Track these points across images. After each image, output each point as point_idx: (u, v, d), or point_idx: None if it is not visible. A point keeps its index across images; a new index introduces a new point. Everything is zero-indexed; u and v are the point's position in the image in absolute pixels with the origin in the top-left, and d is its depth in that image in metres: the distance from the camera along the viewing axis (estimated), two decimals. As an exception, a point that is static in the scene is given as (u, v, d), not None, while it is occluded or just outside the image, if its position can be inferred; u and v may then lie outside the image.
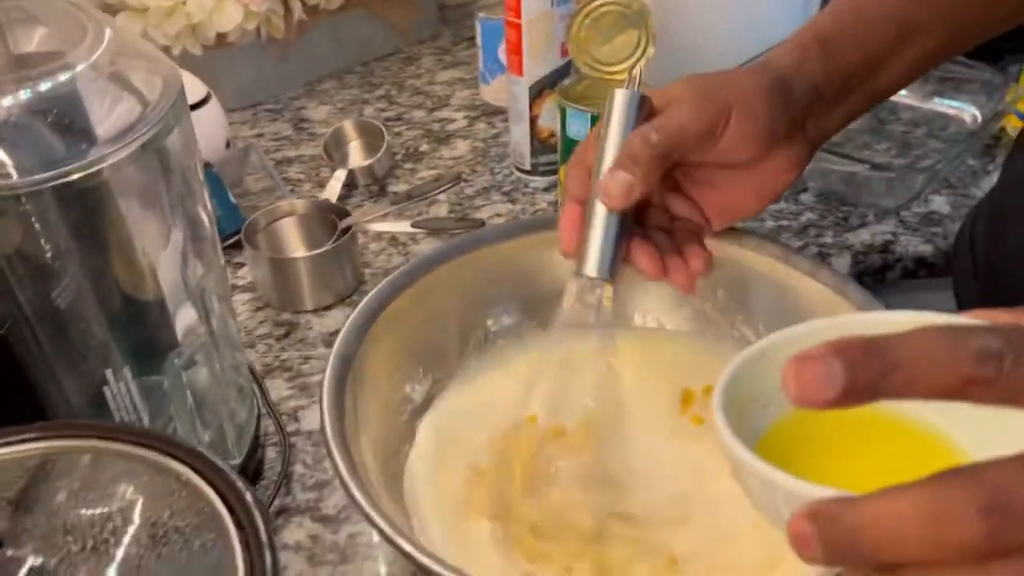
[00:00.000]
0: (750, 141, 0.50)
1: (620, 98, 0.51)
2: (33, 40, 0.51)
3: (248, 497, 0.36)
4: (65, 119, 0.47)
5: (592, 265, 0.51)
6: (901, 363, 0.28)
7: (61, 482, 0.36)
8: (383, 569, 0.54)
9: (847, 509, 0.29)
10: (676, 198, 0.55)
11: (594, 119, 0.75)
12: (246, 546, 0.34)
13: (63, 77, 0.46)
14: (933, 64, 0.56)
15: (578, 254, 0.51)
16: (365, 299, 0.58)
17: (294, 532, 0.57)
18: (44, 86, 0.45)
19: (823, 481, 0.31)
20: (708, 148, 0.50)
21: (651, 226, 0.54)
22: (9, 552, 0.30)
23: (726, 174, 0.52)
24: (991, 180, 0.87)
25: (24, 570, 0.30)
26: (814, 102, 0.52)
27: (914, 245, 0.80)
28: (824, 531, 0.29)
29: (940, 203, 0.85)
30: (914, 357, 0.28)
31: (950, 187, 0.86)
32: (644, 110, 0.51)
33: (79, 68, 0.46)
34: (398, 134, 0.99)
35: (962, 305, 0.61)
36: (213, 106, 0.87)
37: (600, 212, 0.51)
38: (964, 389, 0.28)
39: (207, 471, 0.37)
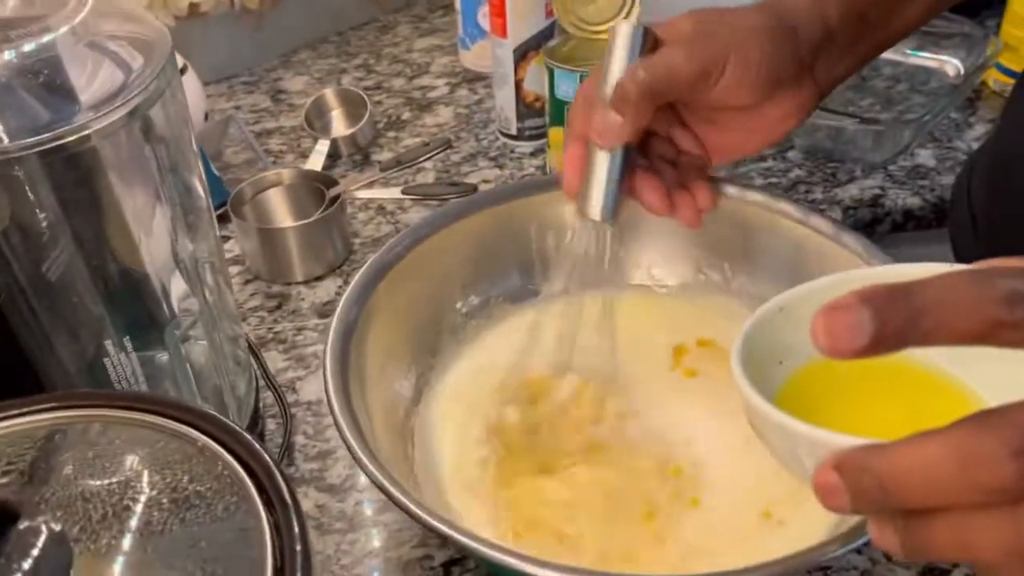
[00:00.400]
0: (746, 88, 0.49)
1: (622, 32, 0.49)
2: (8, 5, 0.49)
3: (266, 457, 0.35)
4: (49, 83, 0.46)
5: (594, 207, 0.50)
6: (929, 309, 0.28)
7: (73, 452, 0.35)
8: (392, 536, 0.54)
9: (875, 457, 0.29)
10: (681, 131, 0.54)
11: (582, 79, 0.74)
12: (269, 506, 0.33)
13: (45, 39, 0.44)
14: (941, 8, 0.55)
15: (580, 196, 0.51)
16: (367, 263, 0.57)
17: (300, 503, 0.56)
18: (27, 47, 0.44)
19: (843, 432, 0.31)
20: (703, 91, 0.49)
21: (656, 156, 0.53)
22: (26, 523, 0.29)
23: (726, 115, 0.52)
24: (974, 132, 0.87)
25: (42, 539, 0.29)
26: (826, 45, 0.51)
27: (903, 198, 0.80)
28: (852, 480, 0.29)
29: (926, 156, 0.85)
30: (941, 302, 0.28)
31: (934, 140, 0.87)
32: (647, 44, 0.49)
33: (61, 31, 0.45)
34: (379, 103, 0.97)
35: (960, 258, 0.61)
36: (190, 77, 0.85)
37: (600, 152, 0.50)
38: (992, 333, 0.28)
39: (222, 434, 0.36)
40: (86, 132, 0.43)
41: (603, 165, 0.49)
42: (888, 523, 0.30)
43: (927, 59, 0.93)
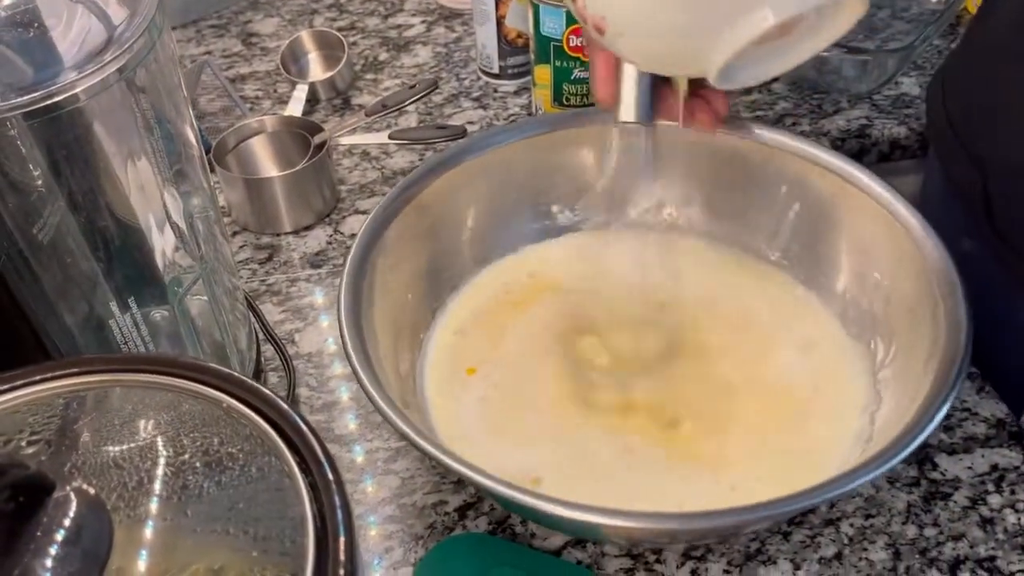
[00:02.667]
0: None
1: None
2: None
3: (295, 416, 0.35)
4: (30, 37, 0.44)
5: (631, 110, 0.50)
6: None
7: (97, 419, 0.34)
8: (405, 483, 0.54)
9: None
10: None
11: (568, 14, 0.73)
12: (302, 464, 0.33)
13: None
14: None
15: (614, 102, 0.50)
16: (377, 206, 0.56)
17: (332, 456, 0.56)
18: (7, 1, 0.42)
19: None
20: None
21: None
22: (62, 493, 0.29)
23: None
24: (956, 59, 0.87)
25: (81, 508, 0.29)
26: None
27: (889, 128, 0.80)
28: None
29: (910, 85, 0.85)
30: None
31: (918, 68, 0.87)
32: None
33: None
34: (354, 44, 0.94)
35: (953, 182, 0.62)
36: (159, 23, 0.82)
37: None
38: None
39: (245, 394, 0.35)
40: (75, 91, 0.41)
41: (632, 68, 0.49)
42: None
43: (908, -15, 0.93)
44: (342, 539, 0.30)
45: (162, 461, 0.32)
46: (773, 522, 0.50)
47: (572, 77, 0.76)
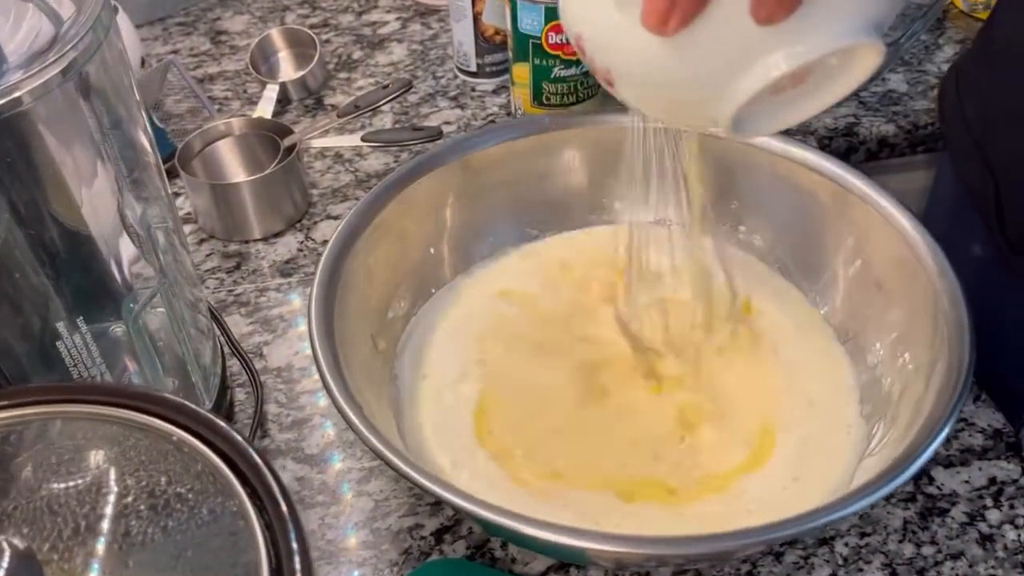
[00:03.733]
0: None
1: None
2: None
3: (251, 451, 0.32)
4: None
5: None
6: None
7: (33, 455, 0.32)
8: (379, 505, 0.51)
9: None
10: None
11: (548, 11, 0.70)
12: (260, 508, 0.30)
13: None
14: None
15: None
16: (349, 214, 0.53)
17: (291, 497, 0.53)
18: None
19: None
20: None
21: None
22: (-13, 542, 0.26)
23: None
24: (944, 54, 0.86)
25: (6, 560, 0.26)
26: None
27: (877, 126, 0.78)
28: None
29: (897, 81, 0.83)
30: None
31: (905, 64, 0.85)
32: None
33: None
34: (327, 42, 0.91)
35: (963, 180, 0.59)
36: (121, 19, 0.79)
37: None
38: None
39: (198, 426, 0.33)
40: (17, 94, 0.38)
41: None
42: None
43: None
44: (300, 589, 0.28)
45: (102, 505, 0.29)
46: (765, 547, 0.48)
47: (551, 75, 0.73)
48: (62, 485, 0.30)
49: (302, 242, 0.69)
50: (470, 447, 0.50)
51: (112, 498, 0.30)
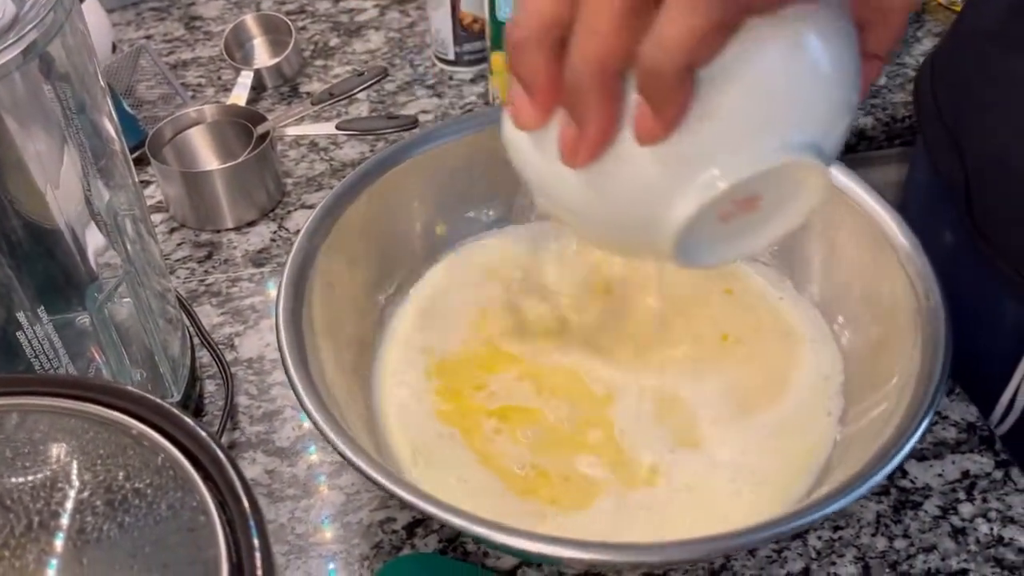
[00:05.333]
0: None
1: None
2: None
3: (213, 445, 0.31)
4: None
5: None
6: None
7: (-14, 449, 0.31)
8: (350, 499, 0.51)
9: None
10: None
11: (526, -1, 0.69)
12: (221, 504, 0.29)
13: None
14: None
15: None
16: (320, 204, 0.52)
17: (248, 469, 0.52)
18: None
19: None
20: None
21: None
22: (-64, 540, 0.25)
23: None
24: (923, 47, 0.86)
25: (-43, 558, 0.25)
26: None
27: (855, 118, 0.78)
28: None
29: (877, 74, 0.83)
30: None
31: (884, 57, 0.85)
32: None
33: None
34: (303, 28, 0.90)
35: (939, 172, 0.59)
36: (91, 4, 0.77)
37: None
38: None
39: (159, 420, 0.32)
40: (-27, 76, 0.37)
41: None
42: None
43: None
44: (260, 587, 0.27)
45: (57, 500, 0.29)
46: (741, 550, 0.47)
47: (529, 65, 0.72)
48: (16, 480, 0.29)
49: (275, 232, 0.68)
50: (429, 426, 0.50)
51: (68, 493, 0.29)
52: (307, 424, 0.55)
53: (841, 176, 0.52)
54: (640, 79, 0.26)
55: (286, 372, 0.44)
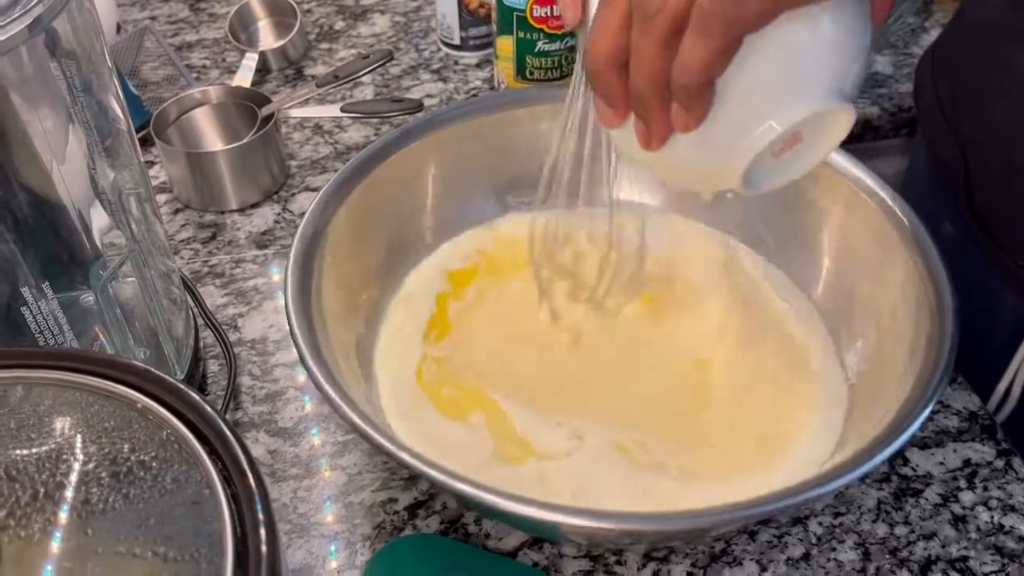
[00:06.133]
0: None
1: None
2: None
3: (219, 420, 0.31)
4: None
5: None
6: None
7: (-8, 421, 0.31)
8: (352, 479, 0.51)
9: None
10: None
11: (532, -16, 0.69)
12: (226, 477, 0.29)
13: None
14: None
15: (583, 25, 0.47)
16: (329, 182, 0.52)
17: (251, 449, 0.52)
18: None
19: None
20: None
21: None
22: (-58, 509, 0.25)
23: None
24: (930, 37, 0.85)
25: (-37, 528, 0.25)
26: None
27: (861, 108, 0.78)
28: None
29: (883, 63, 0.82)
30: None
31: (891, 47, 0.84)
32: None
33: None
34: (308, 11, 0.90)
35: (938, 163, 0.59)
36: (97, -16, 0.77)
37: None
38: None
39: (164, 394, 0.32)
40: (-20, 50, 0.37)
41: None
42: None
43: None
44: (264, 558, 0.27)
45: (62, 471, 0.29)
46: (740, 525, 0.47)
47: (536, 49, 0.72)
48: (22, 451, 0.29)
49: (279, 214, 0.68)
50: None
51: (73, 465, 0.29)
52: (309, 406, 0.55)
53: (850, 166, 0.52)
54: (673, 92, 0.36)
55: (297, 349, 0.44)
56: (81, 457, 0.29)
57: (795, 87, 0.36)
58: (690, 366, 0.52)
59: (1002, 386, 0.57)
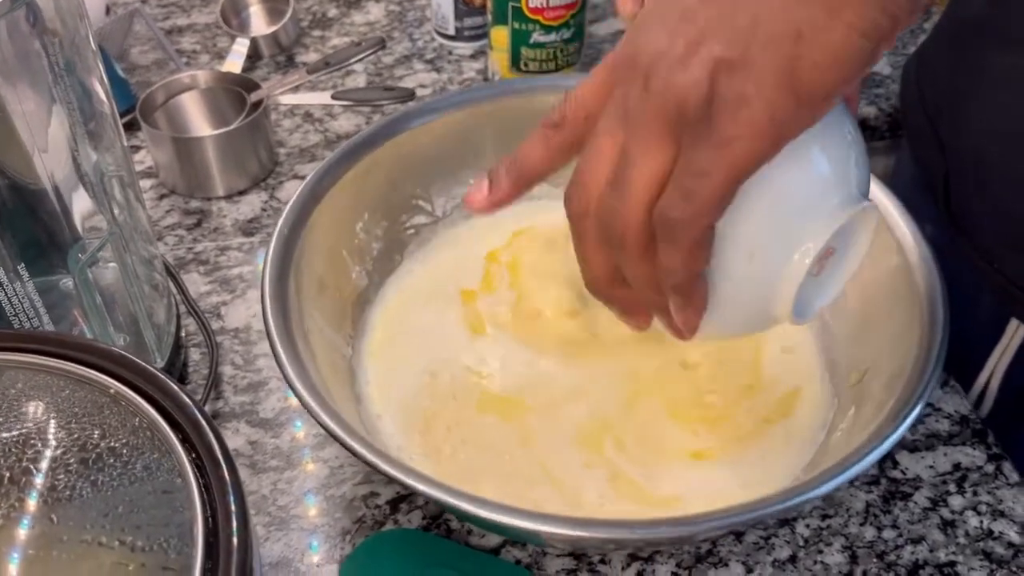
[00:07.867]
0: None
1: None
2: None
3: (192, 406, 0.30)
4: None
5: None
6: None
7: (-42, 404, 0.30)
8: (334, 472, 0.50)
9: None
10: None
11: (528, -26, 0.68)
12: (198, 466, 0.29)
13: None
14: None
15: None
16: (315, 170, 0.51)
17: (231, 439, 0.51)
18: None
19: None
20: None
21: None
22: (-98, 493, 0.24)
23: None
24: (928, 39, 0.85)
25: (-76, 513, 0.24)
26: None
27: (858, 107, 0.77)
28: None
29: (881, 64, 0.82)
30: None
31: (888, 47, 0.84)
32: None
33: None
34: (302, -1, 0.89)
35: (922, 167, 0.59)
36: (87, -35, 0.76)
37: None
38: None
39: (138, 380, 0.31)
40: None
41: None
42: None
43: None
44: (235, 550, 0.26)
45: (29, 457, 0.28)
46: (725, 531, 0.47)
47: (531, 41, 0.71)
48: (-12, 436, 0.28)
49: (266, 201, 0.67)
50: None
51: (41, 450, 0.28)
52: (292, 397, 0.54)
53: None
54: (668, 295, 0.36)
55: (270, 341, 0.43)
56: (51, 443, 0.28)
57: (810, 211, 0.34)
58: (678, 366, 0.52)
59: (979, 384, 0.57)
